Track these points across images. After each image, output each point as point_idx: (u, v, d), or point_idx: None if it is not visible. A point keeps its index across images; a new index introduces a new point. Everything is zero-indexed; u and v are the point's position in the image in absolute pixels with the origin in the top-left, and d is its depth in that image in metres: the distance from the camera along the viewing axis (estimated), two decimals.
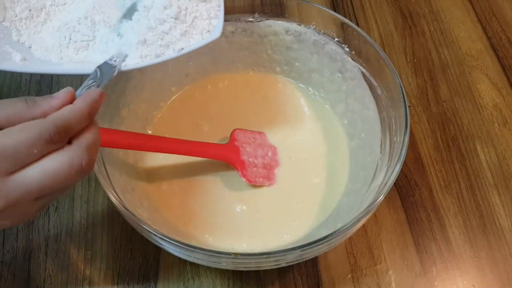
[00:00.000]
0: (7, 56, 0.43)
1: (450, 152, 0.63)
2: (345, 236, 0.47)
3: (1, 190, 0.33)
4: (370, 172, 0.54)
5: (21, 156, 0.33)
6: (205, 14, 0.48)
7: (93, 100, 0.37)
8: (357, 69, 0.58)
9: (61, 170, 0.34)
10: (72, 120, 0.35)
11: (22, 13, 0.46)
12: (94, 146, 0.36)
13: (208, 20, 0.48)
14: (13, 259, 0.54)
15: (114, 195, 0.46)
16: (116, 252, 0.55)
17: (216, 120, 0.62)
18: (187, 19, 0.47)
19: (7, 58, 0.43)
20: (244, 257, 0.45)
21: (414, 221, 0.58)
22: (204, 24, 0.48)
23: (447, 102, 0.68)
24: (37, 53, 0.45)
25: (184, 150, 0.55)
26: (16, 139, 0.33)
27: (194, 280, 0.54)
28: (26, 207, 0.35)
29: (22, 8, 0.46)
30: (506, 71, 0.71)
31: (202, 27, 0.47)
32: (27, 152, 0.33)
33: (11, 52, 0.44)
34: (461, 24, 0.76)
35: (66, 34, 0.46)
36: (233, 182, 0.57)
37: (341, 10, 0.77)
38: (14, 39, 0.45)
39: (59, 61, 0.45)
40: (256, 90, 0.64)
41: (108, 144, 0.50)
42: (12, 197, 0.33)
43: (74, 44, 0.46)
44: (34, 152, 0.33)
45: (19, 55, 0.43)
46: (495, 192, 0.60)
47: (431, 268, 0.55)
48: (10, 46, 0.44)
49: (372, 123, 0.57)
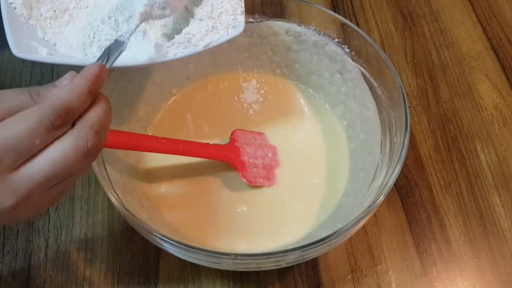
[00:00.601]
0: (34, 50, 0.44)
1: (450, 152, 0.63)
2: (345, 237, 0.47)
3: (9, 187, 0.32)
4: (370, 173, 0.54)
5: (24, 148, 0.31)
6: (230, 10, 0.50)
7: (92, 75, 0.34)
8: (357, 70, 0.58)
9: (66, 156, 0.32)
10: (72, 100, 0.32)
11: (47, 13, 0.47)
12: (100, 124, 0.34)
13: (233, 15, 0.50)
14: (13, 259, 0.54)
15: (114, 196, 0.46)
16: (116, 252, 0.55)
17: (216, 120, 0.62)
18: (214, 15, 0.49)
19: (34, 52, 0.44)
20: (244, 257, 0.45)
21: (414, 221, 0.58)
22: (229, 20, 0.49)
23: (447, 102, 0.68)
24: (61, 50, 0.46)
25: (184, 150, 0.55)
26: (16, 131, 0.31)
27: (194, 280, 0.54)
28: (41, 198, 0.33)
29: (47, 8, 0.47)
30: (506, 71, 0.71)
31: (228, 23, 0.49)
32: (30, 143, 0.31)
33: (37, 47, 0.45)
34: (461, 25, 0.76)
35: (90, 33, 0.47)
36: (233, 182, 0.57)
37: (341, 10, 0.77)
38: (39, 36, 0.46)
39: (84, 57, 0.46)
40: (256, 91, 0.64)
41: (109, 144, 0.50)
42: (21, 192, 0.32)
43: (97, 42, 0.47)
44: (36, 143, 0.31)
45: (45, 50, 0.44)
46: (495, 193, 0.60)
47: (431, 268, 0.55)
48: (36, 41, 0.45)
49: (372, 124, 0.57)
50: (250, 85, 0.65)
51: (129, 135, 0.53)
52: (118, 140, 0.52)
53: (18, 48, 0.42)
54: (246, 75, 0.65)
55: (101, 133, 0.34)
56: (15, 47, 0.42)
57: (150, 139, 0.56)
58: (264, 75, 0.65)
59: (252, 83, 0.65)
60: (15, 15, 0.45)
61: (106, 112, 0.35)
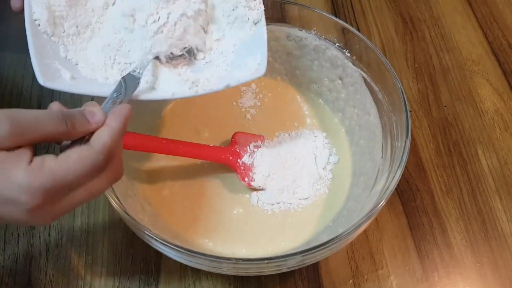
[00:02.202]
0: (57, 74, 0.44)
1: (451, 157, 0.63)
2: (346, 242, 0.47)
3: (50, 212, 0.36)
4: (371, 177, 0.54)
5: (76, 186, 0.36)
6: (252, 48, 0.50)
7: (126, 119, 0.39)
8: (358, 74, 0.58)
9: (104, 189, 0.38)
10: (113, 145, 0.37)
11: (70, 29, 0.47)
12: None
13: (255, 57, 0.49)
14: (14, 264, 0.54)
15: (115, 201, 0.46)
16: (117, 257, 0.55)
17: (217, 123, 0.62)
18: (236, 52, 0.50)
19: (57, 76, 0.44)
20: (245, 262, 0.45)
21: (415, 226, 0.58)
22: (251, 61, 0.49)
23: (448, 107, 0.68)
24: (83, 71, 0.46)
25: (185, 152, 0.55)
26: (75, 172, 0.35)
27: (195, 285, 0.54)
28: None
29: (70, 24, 0.47)
30: (507, 76, 0.71)
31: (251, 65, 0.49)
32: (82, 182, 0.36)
33: (60, 69, 0.44)
34: (462, 29, 0.76)
35: (110, 54, 0.47)
36: (233, 185, 0.57)
37: (342, 15, 0.77)
38: (62, 55, 0.46)
39: (105, 81, 0.46)
40: (258, 95, 0.65)
41: None
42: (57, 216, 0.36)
43: (118, 65, 0.47)
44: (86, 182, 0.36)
45: (68, 73, 0.44)
46: (496, 197, 0.60)
47: (432, 273, 0.55)
48: (59, 63, 0.45)
49: (373, 128, 0.57)
50: (251, 88, 0.65)
51: (131, 135, 0.53)
52: None
53: (43, 74, 0.42)
54: None
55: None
56: (40, 73, 0.42)
57: (151, 140, 0.56)
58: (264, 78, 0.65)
59: (254, 86, 0.65)
60: (39, 32, 0.45)
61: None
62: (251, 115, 0.63)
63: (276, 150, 0.59)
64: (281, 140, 0.60)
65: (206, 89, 0.47)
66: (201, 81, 0.47)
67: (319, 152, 0.59)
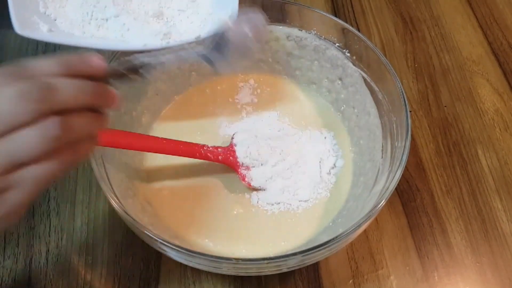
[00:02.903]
0: (35, 25, 0.45)
1: (451, 157, 0.63)
2: (346, 242, 0.47)
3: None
4: (371, 177, 0.54)
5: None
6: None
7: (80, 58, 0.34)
8: (358, 74, 0.58)
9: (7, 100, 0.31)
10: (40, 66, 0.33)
11: None
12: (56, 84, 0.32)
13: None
14: (14, 264, 0.54)
15: (115, 201, 0.46)
16: (117, 257, 0.55)
17: (217, 123, 0.62)
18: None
19: (36, 28, 0.45)
20: (245, 262, 0.45)
21: (415, 226, 0.58)
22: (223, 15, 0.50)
23: (448, 107, 0.68)
24: (61, 26, 0.47)
25: (185, 151, 0.55)
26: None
27: (195, 285, 0.54)
28: None
29: None
30: (507, 76, 0.71)
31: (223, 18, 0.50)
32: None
33: (38, 22, 0.46)
34: (462, 29, 0.76)
35: (88, 11, 0.49)
36: (233, 185, 0.57)
37: (342, 15, 0.77)
38: (41, 11, 0.47)
39: (82, 35, 0.48)
40: (258, 94, 0.65)
41: (110, 144, 0.51)
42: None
43: (95, 21, 0.48)
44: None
45: (46, 26, 0.46)
46: (496, 197, 0.60)
47: (432, 273, 0.55)
48: (38, 16, 0.46)
49: (373, 129, 0.57)
50: (252, 88, 0.65)
51: (131, 135, 0.53)
52: (119, 140, 0.52)
53: (20, 24, 0.43)
54: (246, 78, 0.65)
55: (54, 90, 0.32)
56: (17, 22, 0.43)
57: (151, 140, 0.56)
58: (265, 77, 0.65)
59: (254, 85, 0.65)
60: None
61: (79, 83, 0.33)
62: (254, 115, 0.63)
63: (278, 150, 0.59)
64: (284, 140, 0.60)
65: (177, 40, 0.48)
66: (173, 33, 0.49)
67: (325, 156, 0.58)
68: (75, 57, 0.34)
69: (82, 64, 0.34)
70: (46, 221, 0.57)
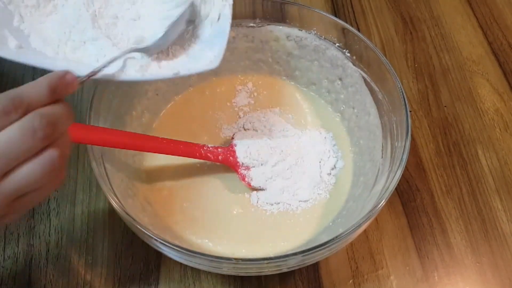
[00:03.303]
0: (3, 40, 0.42)
1: (451, 157, 0.63)
2: (346, 242, 0.47)
3: None
4: (371, 177, 0.54)
5: None
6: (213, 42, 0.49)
7: (56, 76, 0.35)
8: (358, 74, 0.58)
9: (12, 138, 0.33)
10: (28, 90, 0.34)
11: (29, 1, 0.45)
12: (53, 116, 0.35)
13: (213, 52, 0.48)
14: (14, 264, 0.54)
15: (115, 200, 0.46)
16: (117, 257, 0.55)
17: (217, 123, 0.62)
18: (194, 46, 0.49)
19: (3, 43, 0.42)
20: (245, 262, 0.45)
21: (415, 226, 0.58)
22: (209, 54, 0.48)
23: (448, 107, 0.68)
24: (34, 43, 0.44)
25: (185, 152, 0.55)
26: None
27: (195, 285, 0.54)
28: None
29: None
30: (507, 76, 0.71)
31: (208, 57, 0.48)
32: None
33: (7, 37, 0.43)
34: (462, 29, 0.76)
35: (66, 30, 0.46)
36: (233, 185, 0.57)
37: (342, 15, 0.77)
38: (14, 24, 0.44)
39: (54, 55, 0.44)
40: (257, 96, 0.65)
41: (110, 144, 0.51)
42: None
43: (72, 42, 0.46)
44: None
45: (15, 41, 0.43)
46: (496, 198, 0.60)
47: (432, 273, 0.55)
48: (9, 30, 0.43)
49: (373, 129, 0.57)
50: (251, 88, 0.65)
51: (131, 135, 0.53)
52: (119, 140, 0.52)
53: None
54: (245, 78, 0.65)
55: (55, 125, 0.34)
56: None
57: (151, 140, 0.56)
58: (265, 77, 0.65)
59: (254, 86, 0.65)
60: None
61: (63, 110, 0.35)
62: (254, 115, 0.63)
63: (278, 150, 0.58)
64: (284, 140, 0.60)
65: (153, 74, 0.45)
66: (151, 66, 0.46)
67: (326, 156, 0.58)
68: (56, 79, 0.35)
69: (63, 87, 0.36)
70: (46, 221, 0.57)
